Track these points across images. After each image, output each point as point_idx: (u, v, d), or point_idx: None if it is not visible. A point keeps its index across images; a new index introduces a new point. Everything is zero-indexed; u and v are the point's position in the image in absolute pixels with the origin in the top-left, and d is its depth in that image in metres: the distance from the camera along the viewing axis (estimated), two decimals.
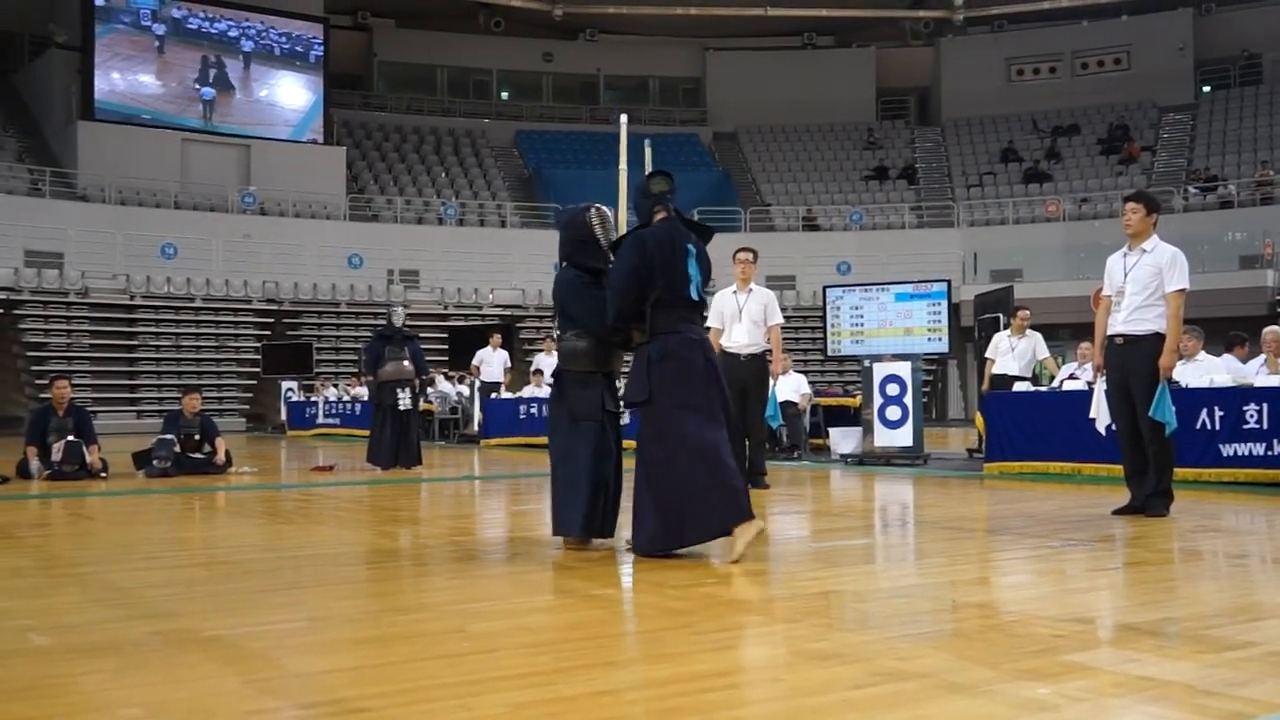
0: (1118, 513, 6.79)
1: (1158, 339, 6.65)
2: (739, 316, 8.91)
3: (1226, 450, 8.74)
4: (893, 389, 11.53)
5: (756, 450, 9.11)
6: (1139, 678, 2.95)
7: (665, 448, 5.22)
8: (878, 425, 11.64)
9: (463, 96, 38.68)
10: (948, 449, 14.67)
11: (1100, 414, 7.66)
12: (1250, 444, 8.62)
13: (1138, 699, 2.75)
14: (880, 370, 11.61)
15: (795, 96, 37.35)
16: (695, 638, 3.64)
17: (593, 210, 5.82)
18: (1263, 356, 10.06)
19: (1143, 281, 6.68)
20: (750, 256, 9.05)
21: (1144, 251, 6.75)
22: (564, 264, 5.83)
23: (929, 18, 37.78)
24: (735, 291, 9.03)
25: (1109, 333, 6.86)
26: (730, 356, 8.78)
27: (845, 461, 12.05)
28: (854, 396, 13.93)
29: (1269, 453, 8.51)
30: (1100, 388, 7.44)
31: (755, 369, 8.96)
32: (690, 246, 5.46)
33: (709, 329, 9.09)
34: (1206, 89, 35.72)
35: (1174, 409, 6.67)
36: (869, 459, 11.68)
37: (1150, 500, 6.72)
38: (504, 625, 3.81)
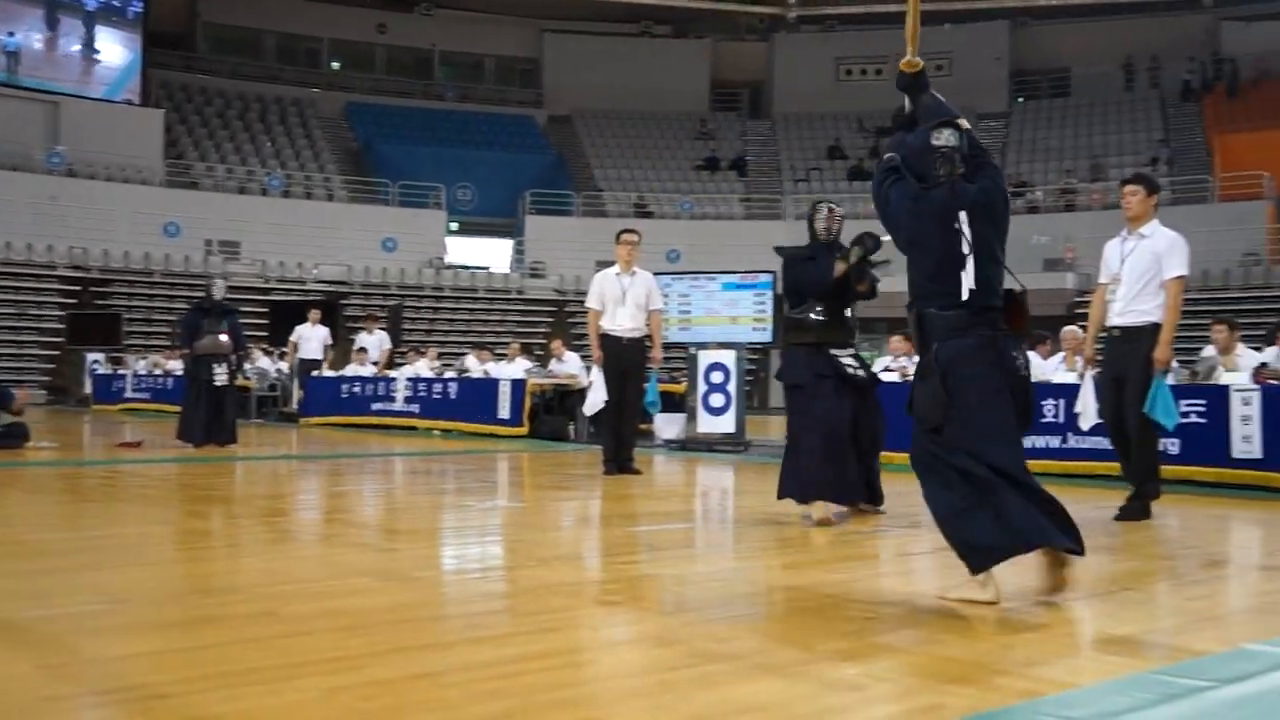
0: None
1: (1156, 330, 6.16)
2: (623, 299, 8.84)
3: (1025, 442, 9.16)
4: (717, 376, 11.72)
5: (631, 435, 9.11)
6: (942, 658, 3.07)
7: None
8: (701, 412, 11.82)
9: (291, 64, 37.45)
10: (769, 436, 15.02)
11: (1087, 409, 6.70)
12: (1047, 437, 9.08)
13: (940, 678, 2.87)
14: (705, 358, 11.79)
15: (631, 83, 37.50)
16: (516, 620, 3.63)
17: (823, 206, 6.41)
18: (1062, 354, 10.60)
19: (1140, 269, 6.18)
20: (636, 238, 9.03)
21: (1142, 237, 6.28)
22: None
23: (763, 14, 38.44)
24: (618, 274, 8.97)
25: (1107, 324, 6.34)
26: (612, 339, 8.78)
27: (668, 447, 12.20)
28: (679, 383, 14.12)
29: (1063, 445, 8.99)
30: (1088, 381, 6.74)
31: (636, 353, 8.94)
32: None
33: (589, 310, 9.04)
34: (1019, 99, 37.41)
35: (1174, 405, 6.27)
36: (692, 445, 11.85)
37: (1128, 506, 6.27)
38: (319, 607, 3.72)
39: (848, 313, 6.26)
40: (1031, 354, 10.95)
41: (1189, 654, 3.16)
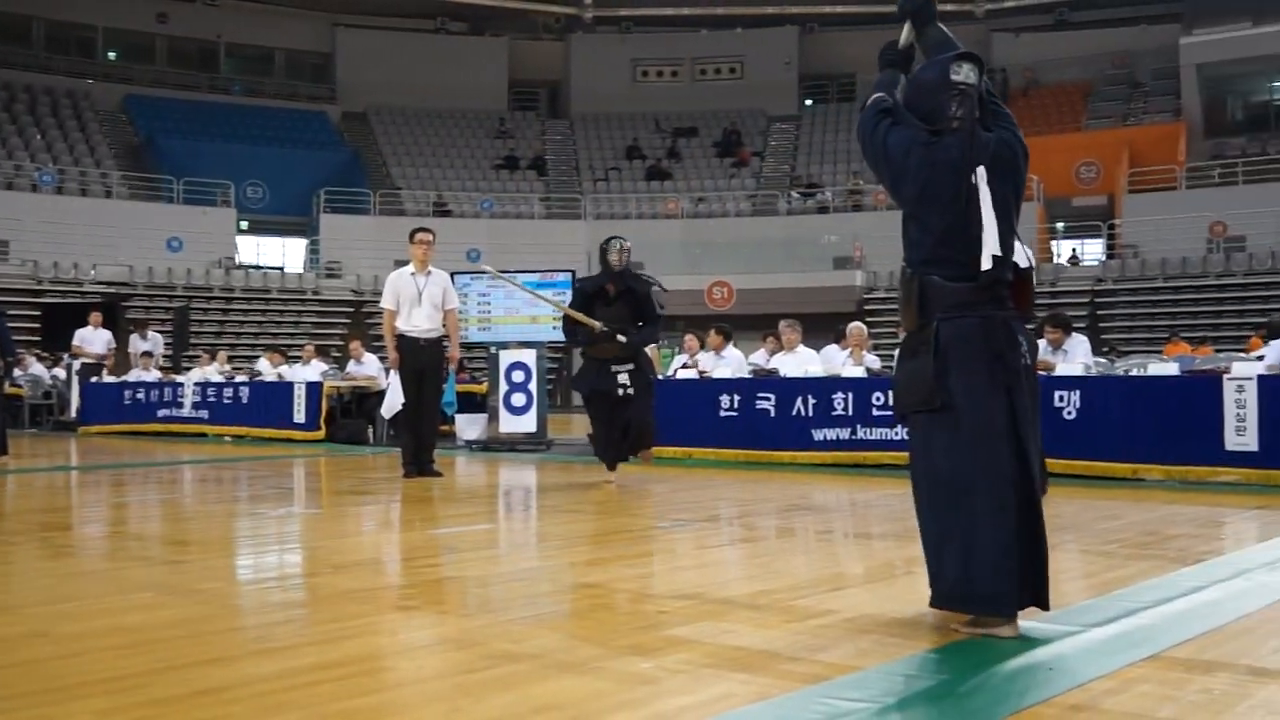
0: None
1: None
2: (418, 299, 8.69)
3: (818, 435, 9.52)
4: (518, 376, 11.70)
5: (431, 437, 8.95)
6: (733, 648, 3.16)
7: None
8: (503, 412, 11.78)
9: (63, 53, 35.38)
10: (571, 435, 15.08)
11: None
12: (838, 429, 9.44)
13: (730, 668, 2.95)
14: (506, 358, 11.75)
15: (428, 80, 36.98)
16: (307, 630, 3.55)
17: None
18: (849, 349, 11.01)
19: None
20: (431, 238, 8.92)
21: None
22: None
23: (560, 14, 38.53)
24: (414, 273, 8.80)
25: None
26: (409, 340, 8.64)
27: (471, 447, 12.11)
28: (480, 383, 14.03)
29: (853, 436, 9.35)
30: None
31: (433, 354, 8.80)
32: None
33: (383, 310, 8.86)
34: (809, 102, 38.66)
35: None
36: (494, 445, 11.80)
37: None
38: (96, 626, 3.54)
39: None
40: (831, 348, 11.38)
41: (965, 635, 3.33)
